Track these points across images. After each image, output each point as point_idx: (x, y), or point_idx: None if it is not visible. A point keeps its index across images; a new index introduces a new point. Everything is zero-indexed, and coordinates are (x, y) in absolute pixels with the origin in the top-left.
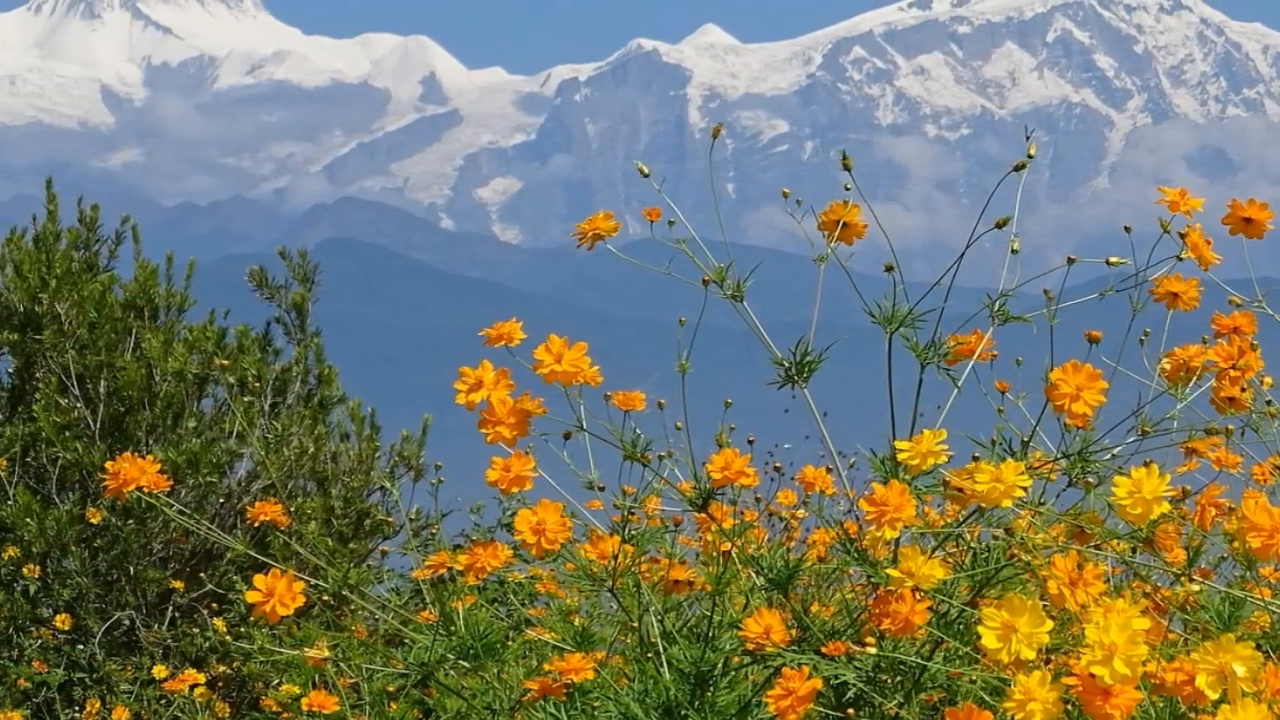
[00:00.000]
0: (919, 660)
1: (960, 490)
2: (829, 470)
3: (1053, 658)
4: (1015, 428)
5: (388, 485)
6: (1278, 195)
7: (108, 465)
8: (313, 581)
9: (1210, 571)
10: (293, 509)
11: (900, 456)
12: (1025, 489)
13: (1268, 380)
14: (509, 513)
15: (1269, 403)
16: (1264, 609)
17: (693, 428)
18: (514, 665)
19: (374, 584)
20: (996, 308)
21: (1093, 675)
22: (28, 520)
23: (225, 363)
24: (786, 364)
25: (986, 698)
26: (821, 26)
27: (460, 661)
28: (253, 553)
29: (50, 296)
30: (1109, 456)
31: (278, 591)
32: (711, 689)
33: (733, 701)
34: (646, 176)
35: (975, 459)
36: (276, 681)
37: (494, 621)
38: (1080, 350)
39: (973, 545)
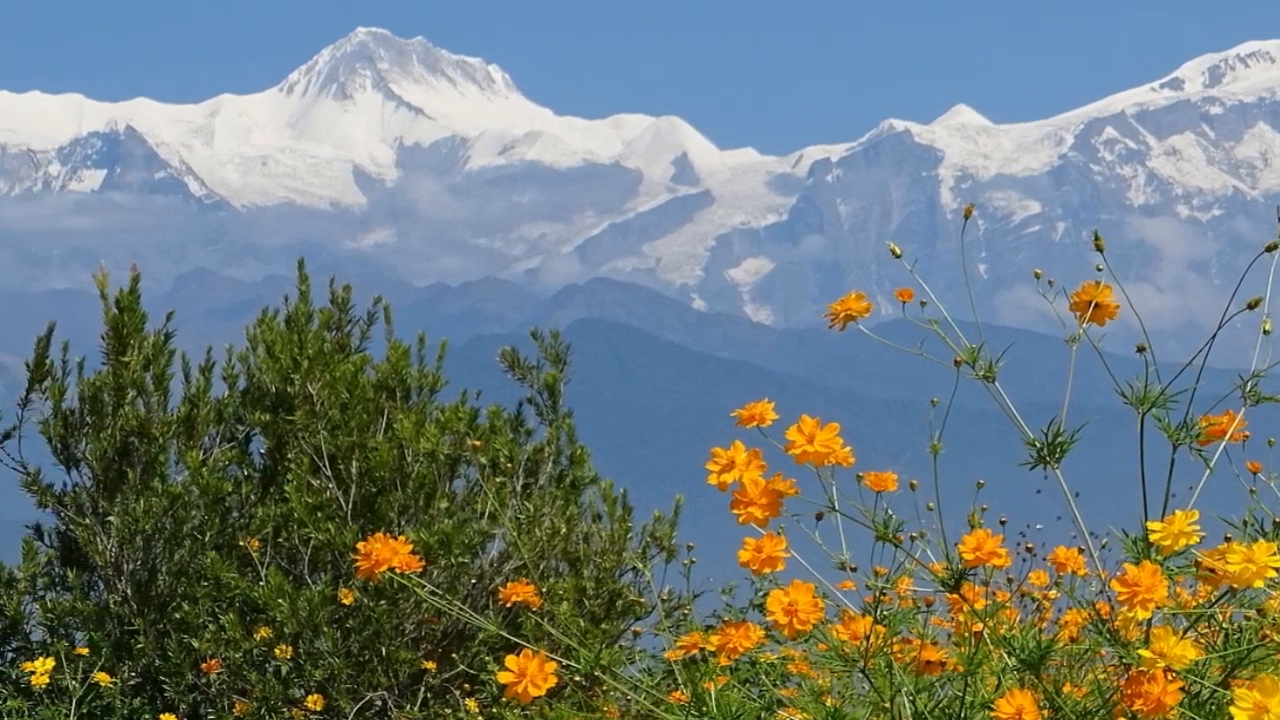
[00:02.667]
0: None
1: (1212, 571)
2: (1081, 551)
3: None
4: (1268, 508)
5: (640, 566)
6: None
7: (360, 546)
8: (565, 662)
9: None
10: (545, 590)
11: (1152, 537)
12: (1278, 570)
13: None
14: (761, 593)
15: None
16: None
17: (945, 508)
18: None
19: (626, 665)
20: (1249, 389)
21: None
22: (280, 601)
23: (477, 443)
24: (1038, 445)
25: None
26: (1073, 107)
27: None
28: (505, 633)
29: (302, 377)
30: None
31: (530, 672)
32: None
33: None
34: (898, 257)
35: (1227, 540)
36: None
37: (746, 702)
38: None
39: (1225, 626)
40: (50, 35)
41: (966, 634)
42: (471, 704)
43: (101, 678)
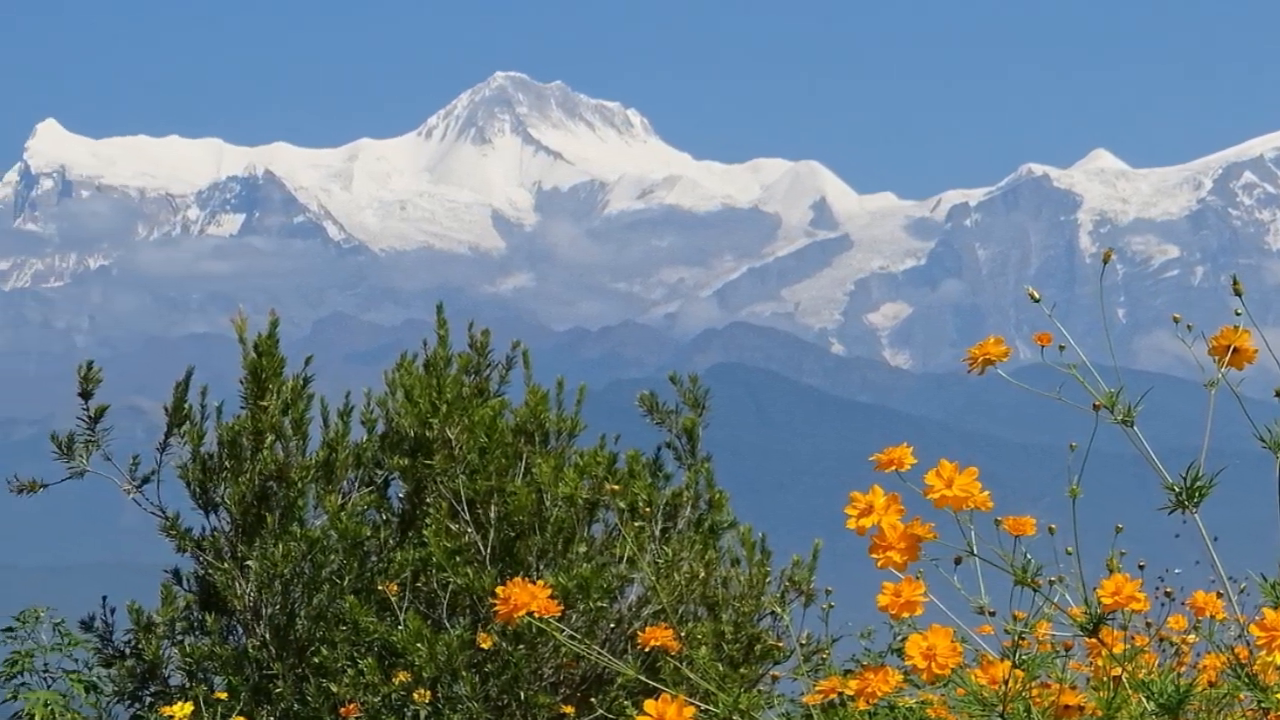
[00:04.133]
0: None
1: None
2: (1219, 595)
3: None
4: None
5: (778, 610)
6: None
7: (498, 590)
8: (703, 706)
9: None
10: (683, 634)
11: None
12: None
13: None
14: (900, 637)
15: None
16: None
17: (1083, 552)
18: None
19: (765, 709)
20: None
21: None
22: (418, 645)
23: (616, 488)
24: (1177, 489)
25: None
26: (1212, 151)
27: None
28: (643, 678)
29: (441, 422)
30: None
31: (668, 716)
32: None
33: None
34: (1037, 301)
35: None
36: None
37: None
38: None
39: None
40: (189, 80)
41: (1105, 678)
42: None
43: None
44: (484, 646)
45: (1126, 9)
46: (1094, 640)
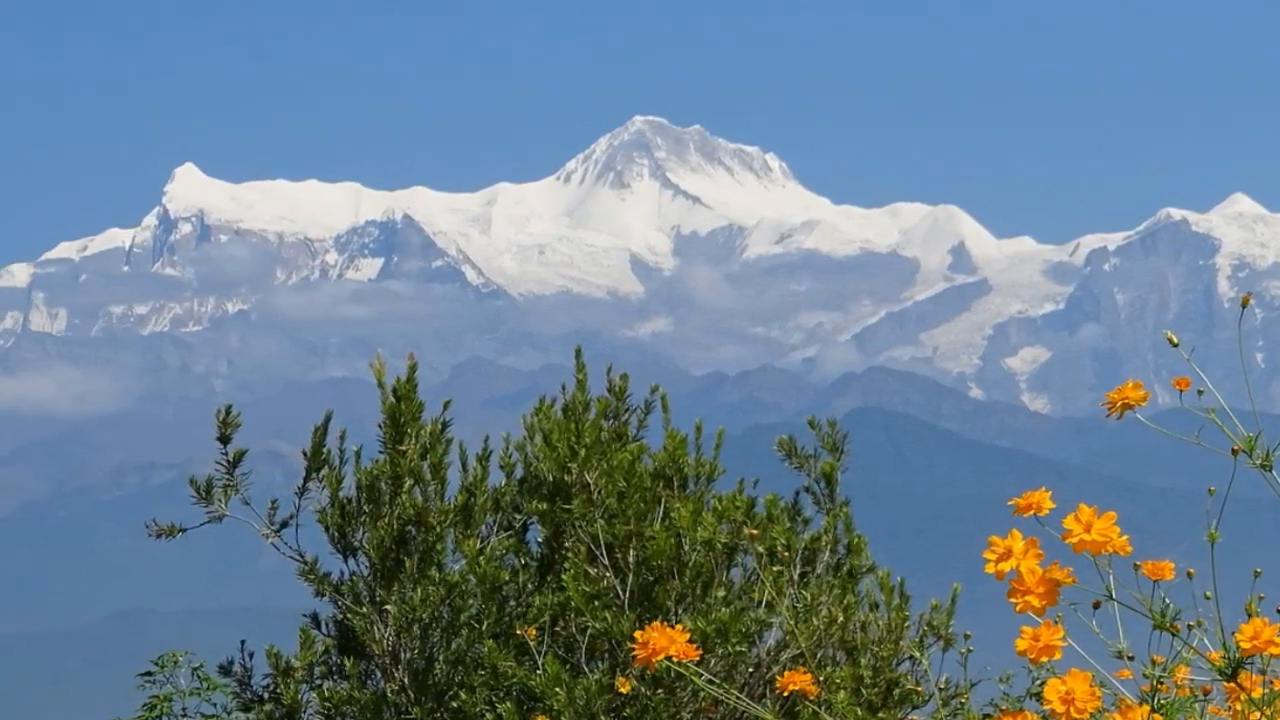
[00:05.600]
0: None
1: None
2: None
3: None
4: None
5: (917, 654)
6: None
7: (637, 634)
8: None
9: None
10: (822, 678)
11: None
12: None
13: None
14: (1038, 681)
15: None
16: None
17: (1222, 597)
18: None
19: None
20: None
21: None
22: (557, 689)
23: (754, 532)
24: None
25: None
26: None
27: None
28: None
29: (580, 466)
30: None
31: None
32: None
33: None
34: (1175, 346)
35: None
36: None
37: None
38: None
39: None
40: (328, 124)
41: None
42: None
43: None
44: (623, 691)
45: (1265, 50)
46: (1232, 685)
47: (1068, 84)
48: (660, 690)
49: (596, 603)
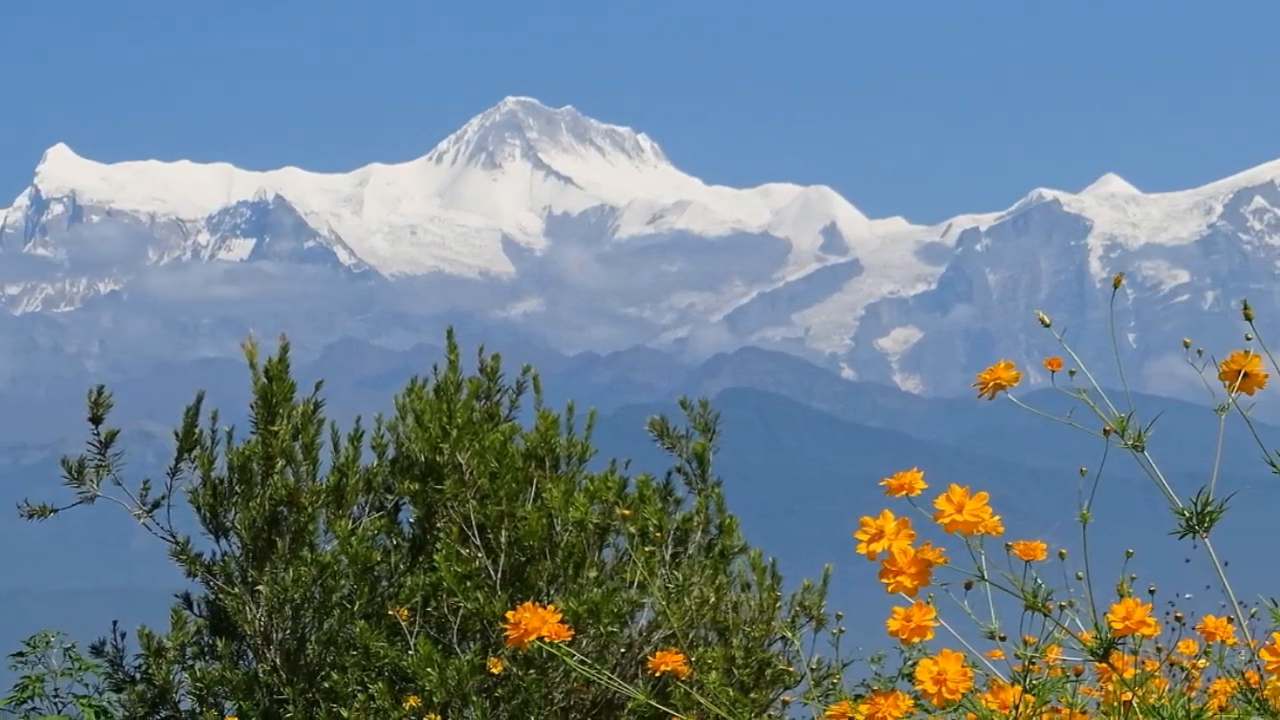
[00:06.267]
0: None
1: None
2: (1230, 620)
3: None
4: None
5: (789, 635)
6: None
7: (509, 615)
8: None
9: None
10: (694, 659)
11: None
12: None
13: None
14: (910, 662)
15: None
16: None
17: (1094, 577)
18: None
19: None
20: None
21: None
22: (429, 670)
23: (626, 512)
24: (1188, 514)
25: None
26: (1222, 176)
27: None
28: (654, 702)
29: (451, 446)
30: None
31: None
32: None
33: None
34: (1047, 326)
35: None
36: None
37: None
38: None
39: None
40: (200, 105)
41: (1115, 703)
42: None
43: None
44: (495, 671)
45: (1136, 35)
46: (1105, 665)
47: (940, 66)
48: (532, 671)
49: (468, 583)
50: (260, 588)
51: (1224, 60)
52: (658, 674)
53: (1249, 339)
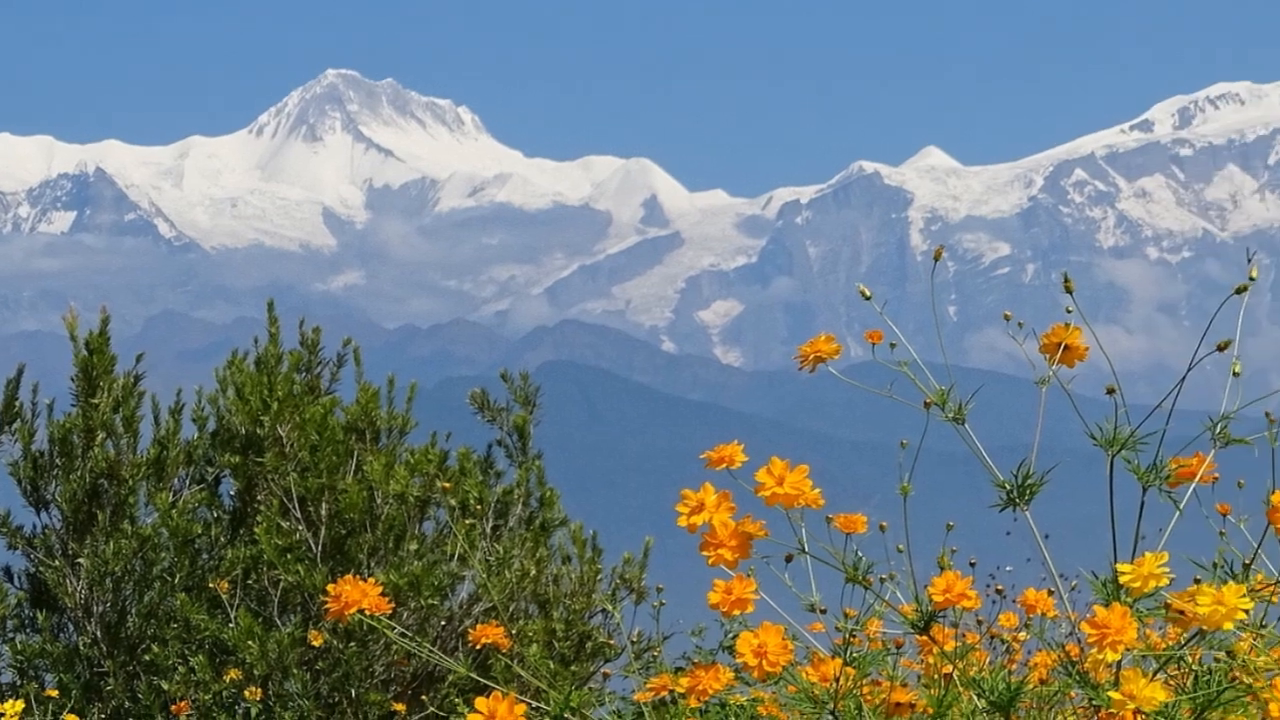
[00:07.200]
0: None
1: (1182, 613)
2: (1050, 593)
3: None
4: (1237, 550)
5: (609, 608)
6: None
7: (329, 588)
8: (534, 704)
9: None
10: (514, 631)
11: (1122, 579)
12: (1247, 612)
13: None
14: (731, 635)
15: None
16: None
17: (914, 550)
18: None
19: (596, 706)
20: (1218, 431)
21: None
22: (249, 643)
23: (447, 485)
24: (1008, 486)
25: None
26: (1043, 149)
27: None
28: (475, 675)
29: (272, 419)
30: None
31: (499, 714)
32: None
33: None
34: (868, 299)
35: (1197, 581)
36: None
37: None
38: None
39: (1194, 668)
40: (20, 77)
41: (936, 676)
42: None
43: None
44: (315, 644)
45: (957, 8)
46: (925, 638)
47: (762, 38)
48: (353, 644)
49: (289, 556)
50: (81, 560)
51: (1044, 34)
52: (479, 647)
53: (1069, 311)
